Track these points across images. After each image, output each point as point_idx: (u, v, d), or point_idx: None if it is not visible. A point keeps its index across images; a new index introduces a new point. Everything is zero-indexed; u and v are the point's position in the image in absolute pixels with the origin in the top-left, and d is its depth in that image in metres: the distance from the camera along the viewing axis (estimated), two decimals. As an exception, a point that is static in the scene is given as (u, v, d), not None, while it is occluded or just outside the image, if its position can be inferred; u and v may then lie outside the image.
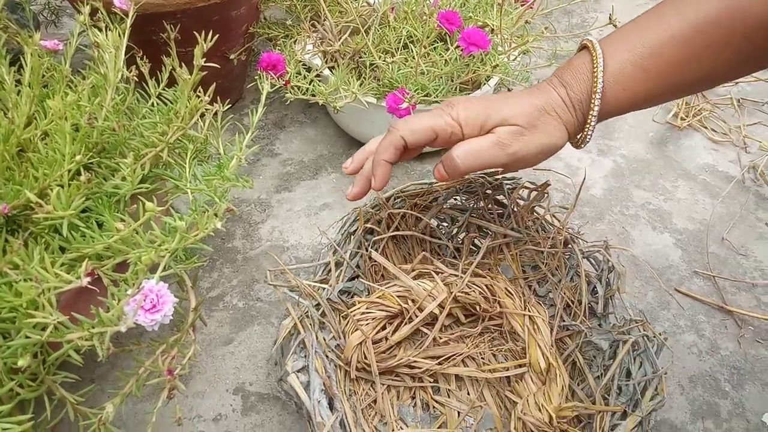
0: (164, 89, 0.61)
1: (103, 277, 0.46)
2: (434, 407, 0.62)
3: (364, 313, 0.60)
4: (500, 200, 0.68)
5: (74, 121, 0.51)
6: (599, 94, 0.50)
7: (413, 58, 0.82)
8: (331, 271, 0.62)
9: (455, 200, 0.70)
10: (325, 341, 0.57)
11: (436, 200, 0.68)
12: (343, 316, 0.61)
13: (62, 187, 0.46)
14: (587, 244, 0.66)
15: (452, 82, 0.82)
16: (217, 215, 0.44)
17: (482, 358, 0.65)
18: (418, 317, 0.61)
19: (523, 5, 0.86)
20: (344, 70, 0.82)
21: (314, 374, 0.52)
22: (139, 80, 0.59)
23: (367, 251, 0.65)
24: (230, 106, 0.58)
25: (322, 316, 0.58)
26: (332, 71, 0.84)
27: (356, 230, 0.64)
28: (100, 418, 0.43)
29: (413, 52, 0.82)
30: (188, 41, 0.62)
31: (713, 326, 0.75)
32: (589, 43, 0.52)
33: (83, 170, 0.48)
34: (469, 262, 0.67)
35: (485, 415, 0.61)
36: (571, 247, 0.65)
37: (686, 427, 0.65)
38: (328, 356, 0.56)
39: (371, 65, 0.84)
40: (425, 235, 0.69)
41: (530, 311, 0.63)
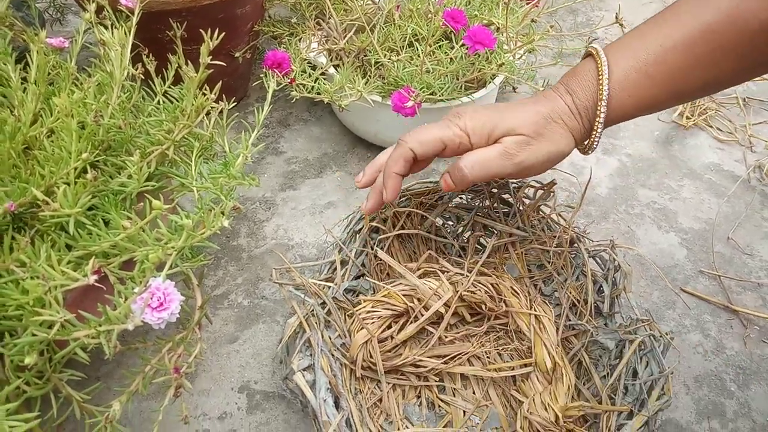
0: (170, 87, 0.61)
1: (109, 275, 0.46)
2: (440, 406, 0.62)
3: (369, 311, 0.60)
4: (506, 199, 0.68)
5: (80, 118, 0.51)
6: (605, 101, 0.50)
7: (418, 56, 0.81)
8: (336, 269, 0.62)
9: (460, 199, 0.70)
10: (330, 340, 0.57)
11: (441, 199, 0.67)
12: (348, 314, 0.61)
13: (69, 184, 0.46)
14: (593, 243, 0.66)
15: (457, 80, 0.82)
16: (223, 213, 0.44)
17: (488, 357, 0.65)
18: (423, 316, 0.61)
19: (528, 3, 0.86)
20: (349, 68, 0.82)
21: (320, 373, 0.52)
22: (144, 78, 0.59)
23: (372, 250, 0.65)
24: (235, 104, 0.58)
25: (327, 314, 0.58)
26: (337, 69, 0.84)
27: (361, 229, 0.64)
28: (107, 416, 0.43)
29: (418, 50, 0.82)
30: (193, 39, 0.62)
31: (719, 326, 0.75)
32: (593, 50, 0.52)
33: (89, 168, 0.48)
34: (474, 260, 0.67)
35: (491, 414, 0.61)
36: (577, 246, 0.65)
37: (692, 426, 0.65)
38: (333, 355, 0.56)
39: (376, 63, 0.84)
40: (430, 233, 0.69)
41: (536, 310, 0.63)
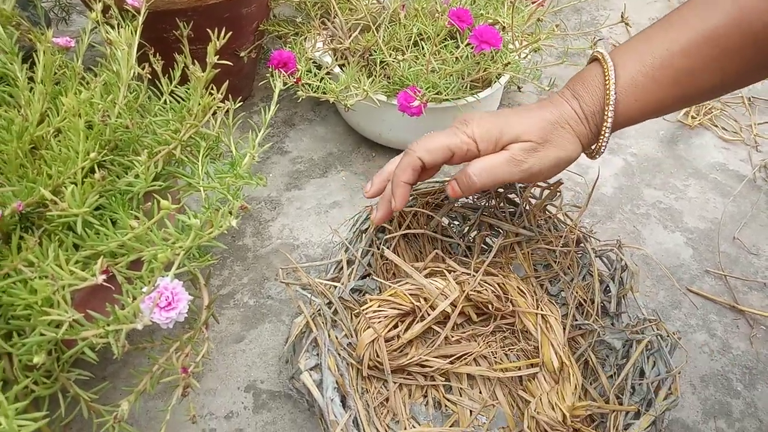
0: (176, 87, 0.61)
1: (117, 274, 0.46)
2: (446, 406, 0.62)
3: (376, 311, 0.60)
4: (512, 199, 0.68)
5: (88, 118, 0.51)
6: (612, 105, 0.51)
7: (424, 55, 0.81)
8: (342, 269, 0.62)
9: (467, 199, 0.69)
10: (337, 339, 0.57)
11: (447, 198, 0.67)
12: (355, 314, 0.61)
13: (76, 184, 0.46)
14: (600, 243, 0.66)
15: (463, 79, 0.82)
16: (231, 213, 0.44)
17: (494, 357, 0.64)
18: (430, 315, 0.61)
19: (534, 3, 0.86)
20: (354, 67, 0.82)
21: (327, 372, 0.52)
22: (151, 78, 0.59)
23: (378, 249, 0.64)
24: (240, 103, 0.58)
25: (334, 314, 0.58)
26: (342, 69, 0.84)
27: (368, 228, 0.64)
28: (115, 415, 0.43)
29: (424, 49, 0.82)
30: (199, 39, 0.62)
31: (725, 325, 0.75)
32: (599, 55, 0.52)
33: (97, 167, 0.48)
34: (480, 260, 0.67)
35: (497, 413, 0.61)
36: (583, 245, 0.65)
37: (698, 426, 0.65)
38: (340, 354, 0.56)
39: (382, 63, 0.84)
40: (437, 233, 0.69)
41: (543, 310, 0.63)
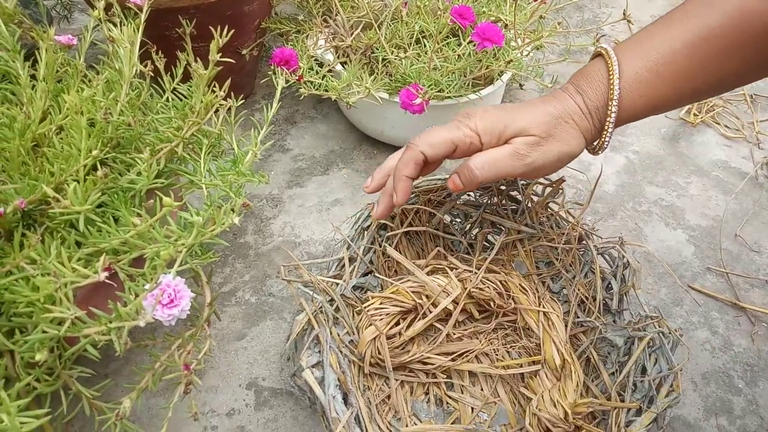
0: (179, 84, 0.61)
1: (119, 272, 0.46)
2: (448, 403, 0.62)
3: (377, 308, 0.60)
4: (514, 196, 0.68)
5: (90, 116, 0.51)
6: (616, 100, 0.50)
7: (426, 53, 0.81)
8: (344, 266, 0.62)
9: (469, 196, 0.69)
10: (339, 336, 0.57)
11: (449, 196, 0.67)
12: (356, 311, 0.61)
13: (78, 182, 0.46)
14: (602, 240, 0.66)
15: (465, 77, 0.82)
16: (233, 210, 0.44)
17: (496, 354, 0.64)
18: (432, 313, 0.61)
19: (536, 0, 0.86)
20: (356, 65, 0.81)
21: (329, 369, 0.52)
22: (153, 75, 0.59)
23: (380, 247, 0.64)
24: (242, 101, 0.58)
25: (336, 311, 0.58)
26: (344, 67, 0.84)
27: (369, 226, 0.64)
28: (117, 412, 0.43)
29: (426, 47, 0.82)
30: (201, 37, 0.62)
31: (726, 323, 0.75)
32: (603, 50, 0.52)
33: (99, 165, 0.48)
34: (482, 258, 0.67)
35: (499, 411, 0.61)
36: (585, 243, 0.65)
37: (699, 423, 0.65)
38: (342, 351, 0.56)
39: (384, 60, 0.84)
40: (439, 230, 0.69)
41: (545, 307, 0.63)
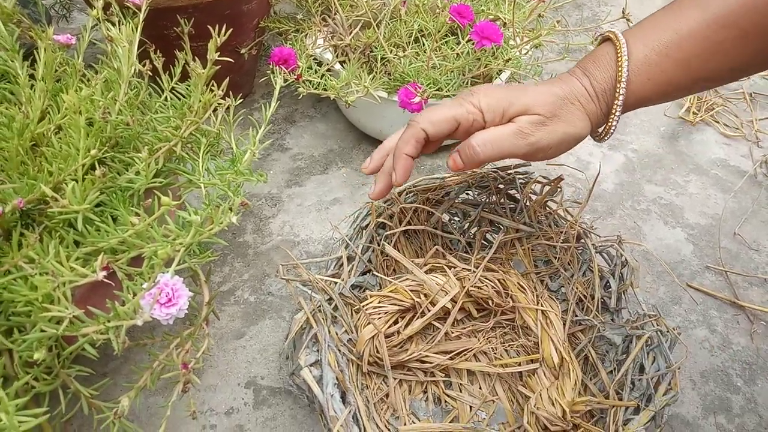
0: (177, 84, 0.61)
1: (117, 271, 0.46)
2: (446, 402, 0.62)
3: (376, 307, 0.60)
4: (512, 195, 0.68)
5: (88, 115, 0.51)
6: (624, 82, 0.49)
7: (425, 52, 0.81)
8: (343, 265, 0.62)
9: (467, 195, 0.69)
10: (337, 335, 0.57)
11: (448, 195, 0.67)
12: (355, 310, 0.61)
13: (77, 181, 0.46)
14: (600, 238, 0.66)
15: (464, 76, 0.82)
16: (231, 209, 0.44)
17: (494, 353, 0.65)
18: (430, 311, 0.61)
19: (534, -2, 0.86)
20: (355, 64, 0.82)
21: (327, 368, 0.52)
22: (152, 75, 0.59)
23: (379, 246, 0.65)
24: (241, 100, 0.58)
25: (334, 310, 0.58)
26: (343, 66, 0.84)
27: (368, 225, 0.64)
28: (115, 411, 0.43)
29: (425, 45, 0.82)
30: (200, 36, 0.62)
31: (725, 321, 0.75)
32: (611, 34, 0.51)
33: (98, 164, 0.48)
34: (481, 256, 0.67)
35: (497, 409, 0.61)
36: (583, 241, 0.65)
37: (698, 422, 0.65)
38: (340, 350, 0.56)
39: (382, 59, 0.84)
40: (437, 229, 0.69)
41: (543, 306, 0.63)
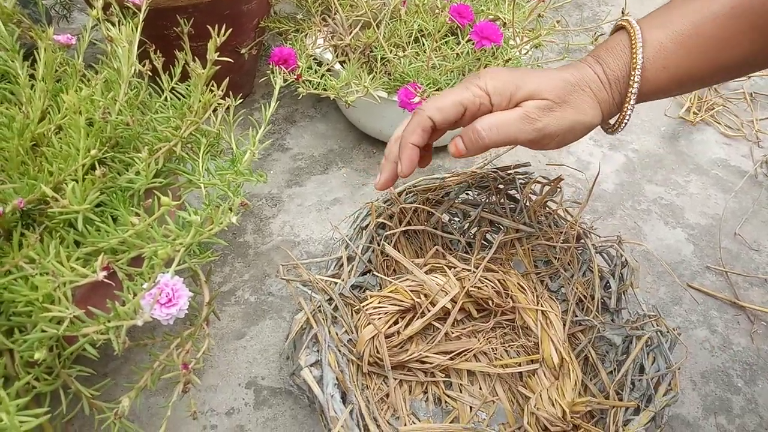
0: (177, 84, 0.61)
1: (117, 271, 0.46)
2: (446, 402, 0.62)
3: (376, 307, 0.60)
4: (512, 195, 0.68)
5: (88, 115, 0.51)
6: (639, 70, 0.47)
7: (424, 52, 0.81)
8: (343, 265, 0.62)
9: (467, 195, 0.69)
10: (337, 336, 0.57)
11: (447, 195, 0.67)
12: (355, 310, 0.61)
13: (77, 181, 0.46)
14: (600, 239, 0.66)
15: (464, 76, 0.82)
16: (231, 210, 0.44)
17: (494, 353, 0.65)
18: (430, 312, 0.61)
19: (534, -2, 0.86)
20: (355, 64, 0.82)
21: (327, 368, 0.52)
22: (152, 75, 0.59)
23: (379, 246, 0.65)
24: (241, 100, 0.58)
25: (334, 310, 0.58)
26: (343, 65, 0.84)
27: (368, 225, 0.64)
28: (116, 411, 0.43)
29: (425, 46, 0.82)
30: (200, 36, 0.62)
31: (725, 322, 0.75)
32: (625, 22, 0.49)
33: (98, 164, 0.48)
34: (481, 257, 0.67)
35: (497, 410, 0.61)
36: (583, 241, 0.65)
37: (698, 422, 0.65)
38: (340, 350, 0.56)
39: (382, 59, 0.84)
40: (437, 230, 0.69)
41: (543, 306, 0.63)
